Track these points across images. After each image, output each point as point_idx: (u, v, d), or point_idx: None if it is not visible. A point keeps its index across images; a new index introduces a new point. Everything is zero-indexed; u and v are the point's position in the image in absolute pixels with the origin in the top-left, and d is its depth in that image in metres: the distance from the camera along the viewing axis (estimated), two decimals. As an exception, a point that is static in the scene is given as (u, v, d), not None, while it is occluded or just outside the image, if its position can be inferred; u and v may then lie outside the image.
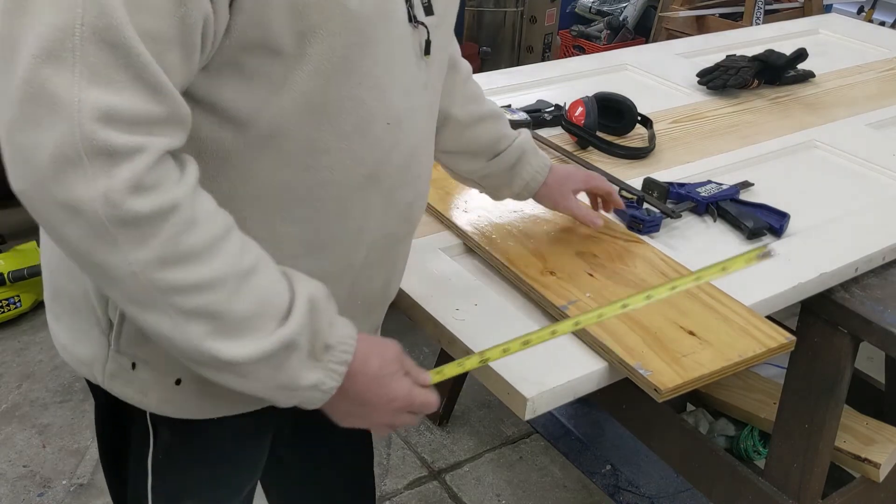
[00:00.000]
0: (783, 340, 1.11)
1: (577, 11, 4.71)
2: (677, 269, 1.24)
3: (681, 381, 1.02)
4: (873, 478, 1.61)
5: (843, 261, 1.34)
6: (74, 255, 0.75)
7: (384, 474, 2.18)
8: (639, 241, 1.30)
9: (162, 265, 0.73)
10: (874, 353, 1.76)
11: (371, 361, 0.87)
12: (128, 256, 0.72)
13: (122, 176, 0.70)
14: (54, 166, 0.69)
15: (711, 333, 1.10)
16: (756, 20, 3.51)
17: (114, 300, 0.80)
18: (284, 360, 0.80)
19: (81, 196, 0.70)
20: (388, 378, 0.89)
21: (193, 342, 0.77)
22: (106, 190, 0.70)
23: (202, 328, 0.76)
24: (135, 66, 0.70)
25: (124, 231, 0.72)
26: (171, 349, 0.79)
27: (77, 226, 0.71)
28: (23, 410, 2.31)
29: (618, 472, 2.21)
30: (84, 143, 0.69)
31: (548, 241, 1.28)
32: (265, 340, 0.79)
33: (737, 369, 1.07)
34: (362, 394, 0.87)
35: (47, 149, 0.69)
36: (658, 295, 0.91)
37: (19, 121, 0.69)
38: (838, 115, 1.89)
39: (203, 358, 0.78)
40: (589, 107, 1.64)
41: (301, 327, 0.80)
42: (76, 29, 0.67)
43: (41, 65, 0.68)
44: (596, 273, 1.21)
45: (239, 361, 0.78)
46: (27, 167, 0.70)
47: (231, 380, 0.81)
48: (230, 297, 0.77)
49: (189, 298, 0.75)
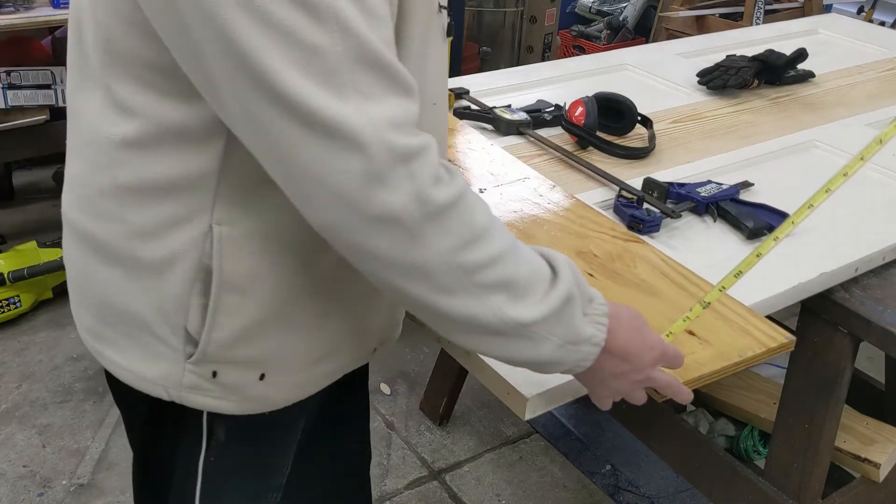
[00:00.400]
0: (783, 340, 1.11)
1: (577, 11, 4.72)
2: (677, 269, 1.24)
3: (682, 381, 1.01)
4: (873, 478, 1.61)
5: (843, 261, 1.34)
6: (383, 266, 0.79)
7: (384, 474, 2.18)
8: (639, 240, 1.30)
9: (465, 247, 0.79)
10: (874, 353, 1.76)
11: (621, 314, 0.92)
12: (439, 247, 0.78)
13: (423, 173, 0.76)
14: (366, 187, 0.74)
15: (711, 333, 1.10)
16: (756, 20, 3.51)
17: (411, 296, 0.81)
18: (567, 314, 0.86)
19: (395, 204, 0.75)
20: (641, 328, 0.94)
21: (497, 314, 0.82)
22: (415, 191, 0.76)
23: (501, 298, 0.82)
24: (392, 75, 0.76)
25: (433, 224, 0.77)
26: (471, 328, 0.84)
27: (391, 235, 0.76)
28: (23, 410, 2.31)
29: (618, 472, 2.21)
30: (386, 157, 0.74)
31: (548, 240, 1.28)
32: (550, 296, 0.85)
33: (737, 369, 1.07)
34: (624, 346, 0.91)
35: (355, 173, 0.74)
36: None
37: (319, 160, 0.74)
38: (838, 115, 1.89)
39: (506, 327, 0.83)
40: (589, 107, 1.64)
41: (571, 280, 0.87)
42: (343, 60, 0.72)
43: (325, 101, 0.72)
44: (596, 273, 1.21)
45: (536, 320, 0.84)
46: (337, 199, 0.75)
47: (524, 347, 0.85)
48: (516, 264, 0.83)
49: (488, 273, 0.81)
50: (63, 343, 2.55)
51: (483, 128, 1.70)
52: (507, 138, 1.67)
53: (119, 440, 2.20)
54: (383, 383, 2.50)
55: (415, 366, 2.58)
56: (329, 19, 0.72)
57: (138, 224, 0.88)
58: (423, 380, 2.46)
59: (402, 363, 2.59)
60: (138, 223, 0.88)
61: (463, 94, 1.81)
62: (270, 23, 0.70)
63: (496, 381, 1.04)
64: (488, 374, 1.04)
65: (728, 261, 1.31)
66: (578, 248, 1.26)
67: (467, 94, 1.82)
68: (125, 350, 0.95)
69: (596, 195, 1.47)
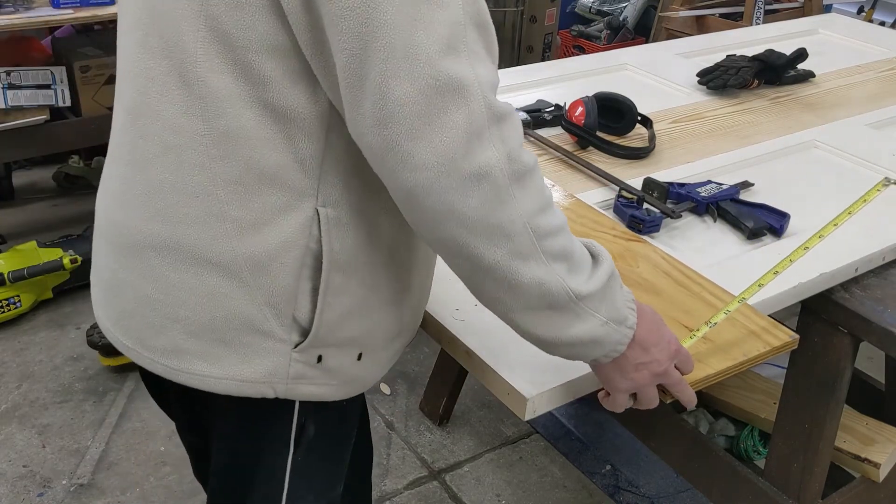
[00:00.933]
0: (787, 339, 1.11)
1: (577, 11, 4.71)
2: (679, 267, 1.24)
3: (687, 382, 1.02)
4: (873, 478, 1.61)
5: (843, 261, 1.34)
6: (469, 228, 0.80)
7: (384, 474, 2.18)
8: (640, 240, 1.30)
9: (540, 212, 0.83)
10: (874, 353, 1.76)
11: (643, 306, 0.95)
12: (522, 208, 0.81)
13: (513, 135, 0.80)
14: (466, 141, 0.77)
15: (716, 333, 1.10)
16: (756, 20, 3.51)
17: (488, 262, 0.83)
18: (612, 291, 0.90)
19: (489, 160, 0.78)
20: (660, 322, 0.96)
21: (560, 282, 0.85)
22: (508, 149, 0.79)
23: (563, 267, 0.85)
24: (490, 41, 0.81)
25: (519, 185, 0.80)
26: (537, 297, 0.85)
27: (482, 192, 0.79)
28: (23, 410, 2.31)
29: (618, 472, 2.21)
30: (487, 114, 0.78)
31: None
32: (599, 272, 0.89)
33: (741, 369, 1.08)
34: (646, 336, 0.93)
35: (459, 128, 0.77)
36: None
37: (426, 115, 0.76)
38: (838, 115, 1.89)
39: (566, 297, 0.86)
40: (589, 107, 1.64)
41: (611, 261, 0.91)
42: (461, 20, 0.77)
43: (443, 59, 0.75)
44: None
45: (590, 293, 0.87)
46: (436, 154, 0.77)
47: (573, 320, 0.88)
48: (571, 238, 0.87)
49: (554, 241, 0.84)
50: (63, 343, 2.55)
51: (483, 128, 1.70)
52: (507, 138, 1.67)
53: (119, 440, 2.20)
54: (383, 383, 2.50)
55: (415, 366, 2.58)
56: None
57: (244, 218, 0.88)
58: (423, 380, 2.46)
59: (402, 363, 2.59)
60: (244, 218, 0.88)
61: (463, 94, 1.81)
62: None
63: (496, 381, 1.04)
64: (488, 374, 1.05)
65: (728, 261, 1.31)
66: None
67: (467, 94, 1.81)
68: (221, 359, 0.93)
69: (596, 195, 1.47)
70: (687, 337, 1.05)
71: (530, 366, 1.04)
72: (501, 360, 1.04)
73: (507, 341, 1.08)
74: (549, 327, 0.88)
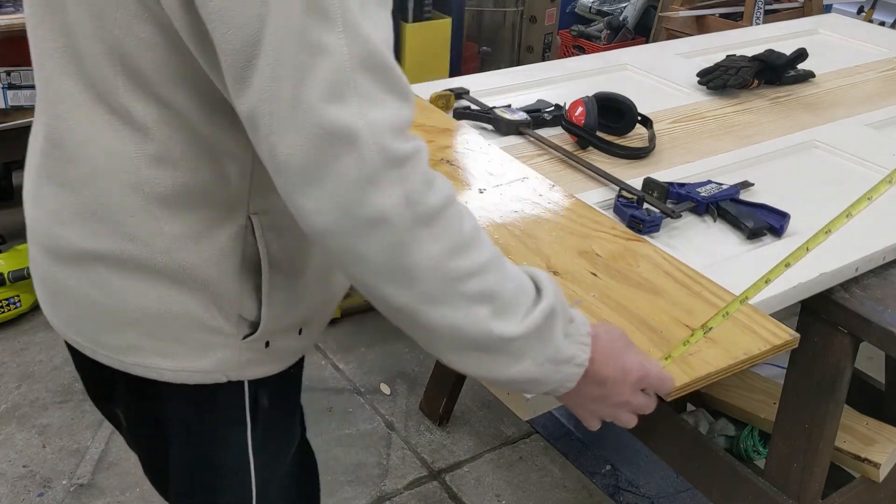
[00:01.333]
0: (788, 338, 1.11)
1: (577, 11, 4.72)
2: (680, 267, 1.24)
3: (688, 380, 1.02)
4: (873, 478, 1.61)
5: (843, 261, 1.34)
6: (372, 271, 0.79)
7: (384, 474, 2.18)
8: (640, 240, 1.30)
9: (453, 254, 0.80)
10: (874, 353, 1.76)
11: (601, 335, 0.92)
12: (429, 252, 0.78)
13: (414, 177, 0.77)
14: (359, 188, 0.75)
15: (716, 332, 1.10)
16: (756, 20, 3.51)
17: (397, 305, 0.82)
18: (549, 331, 0.86)
19: (385, 206, 0.76)
20: (619, 351, 0.93)
21: (480, 326, 0.82)
22: (407, 192, 0.76)
23: (485, 310, 0.82)
24: (392, 80, 0.77)
25: (424, 228, 0.78)
26: (455, 341, 0.83)
27: (381, 237, 0.77)
28: (22, 411, 2.31)
29: (618, 472, 2.21)
30: (381, 159, 0.75)
31: (549, 240, 1.28)
32: (534, 312, 0.85)
33: (742, 367, 1.07)
34: (600, 370, 0.90)
35: (350, 176, 0.75)
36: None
37: (316, 164, 0.75)
38: (838, 115, 1.89)
39: (489, 341, 0.83)
40: (589, 107, 1.64)
41: (554, 297, 0.87)
42: (346, 65, 0.74)
43: (328, 106, 0.74)
44: (599, 273, 1.21)
45: (519, 336, 0.84)
46: (330, 201, 0.76)
47: (506, 363, 0.85)
48: (501, 278, 0.83)
49: (474, 283, 0.81)
50: (63, 343, 2.55)
51: (483, 128, 1.70)
52: (506, 138, 1.67)
53: (119, 440, 2.19)
54: (383, 383, 2.50)
55: (415, 366, 2.57)
56: (336, 20, 0.73)
57: (180, 233, 0.90)
58: (423, 380, 2.46)
59: (402, 363, 2.59)
60: (180, 232, 0.90)
61: (463, 94, 1.81)
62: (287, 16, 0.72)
63: (496, 381, 1.04)
64: (488, 374, 1.04)
65: (728, 261, 1.31)
66: (580, 248, 1.26)
67: (467, 94, 1.82)
68: (177, 354, 0.97)
69: (596, 195, 1.47)
70: (663, 357, 1.03)
71: (530, 366, 1.04)
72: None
73: (507, 341, 1.08)
74: (479, 367, 0.86)
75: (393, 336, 2.69)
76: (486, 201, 1.37)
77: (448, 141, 1.57)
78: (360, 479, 2.17)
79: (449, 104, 1.77)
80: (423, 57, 3.04)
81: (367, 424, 2.35)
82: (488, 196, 1.39)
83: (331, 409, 2.40)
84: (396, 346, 2.65)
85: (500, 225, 1.31)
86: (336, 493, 2.11)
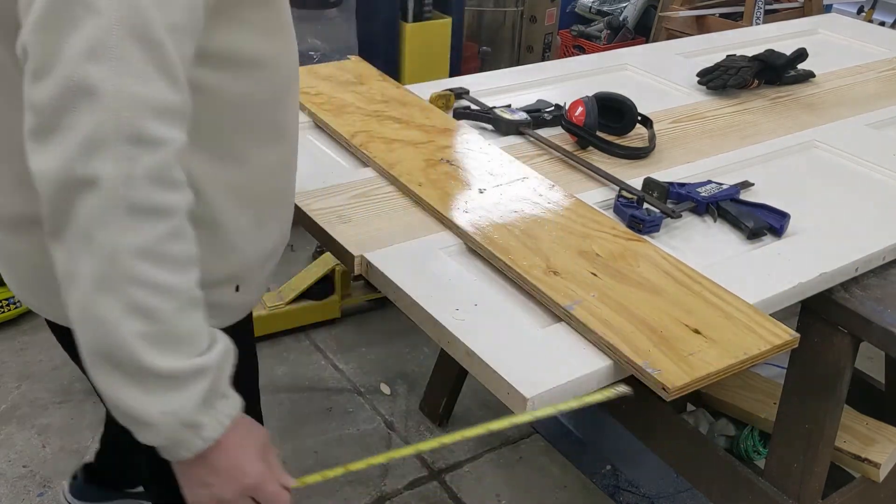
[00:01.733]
0: (787, 337, 1.11)
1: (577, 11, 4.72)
2: (680, 267, 1.24)
3: (689, 380, 1.02)
4: (873, 478, 1.61)
5: (843, 261, 1.34)
6: (65, 227, 0.79)
7: (384, 474, 2.18)
8: (640, 240, 1.30)
9: (142, 257, 0.79)
10: (874, 353, 1.76)
11: (239, 427, 0.91)
12: (121, 238, 0.78)
13: (146, 163, 0.78)
14: (84, 146, 0.76)
15: (716, 331, 1.10)
16: (756, 20, 3.51)
17: (71, 271, 0.81)
18: (190, 391, 0.84)
19: (103, 173, 0.76)
20: (248, 453, 0.92)
21: (123, 336, 0.80)
22: (132, 172, 0.77)
23: (139, 327, 0.80)
24: (163, 60, 0.78)
25: (130, 214, 0.78)
26: (98, 337, 0.82)
27: (86, 201, 0.77)
28: (22, 411, 2.31)
29: (618, 472, 2.21)
30: (119, 130, 0.76)
31: (549, 240, 1.28)
32: (184, 361, 0.83)
33: (742, 367, 1.08)
34: (218, 458, 0.89)
35: (81, 132, 0.76)
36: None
37: (57, 111, 0.76)
38: (838, 115, 1.89)
39: (121, 354, 0.81)
40: (589, 107, 1.64)
41: (214, 364, 0.86)
42: (113, 28, 0.76)
43: (85, 62, 0.75)
44: (599, 273, 1.21)
45: (153, 370, 0.81)
46: (58, 149, 0.77)
47: (129, 391, 0.83)
48: (177, 312, 0.82)
49: (144, 295, 0.80)
50: (63, 343, 2.55)
51: (483, 128, 1.70)
52: (507, 138, 1.67)
53: (119, 440, 2.20)
54: (383, 383, 2.50)
55: (415, 366, 2.58)
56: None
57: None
58: (423, 380, 2.46)
59: (402, 363, 2.59)
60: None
61: (463, 94, 1.81)
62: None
63: (496, 382, 1.04)
64: (488, 374, 1.05)
65: (728, 261, 1.32)
66: (581, 248, 1.26)
67: (467, 94, 1.82)
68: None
69: (596, 195, 1.47)
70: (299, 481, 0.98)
71: (530, 366, 1.04)
72: (501, 360, 1.04)
73: (507, 341, 1.08)
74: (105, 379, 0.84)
75: (393, 336, 2.69)
76: (486, 201, 1.37)
77: (448, 141, 1.57)
78: (360, 479, 2.17)
79: (449, 104, 1.77)
80: (423, 57, 3.04)
81: (367, 424, 2.35)
82: (488, 196, 1.39)
83: (331, 409, 2.40)
84: (396, 346, 2.65)
85: (500, 225, 1.31)
86: (336, 493, 2.11)
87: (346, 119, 1.62)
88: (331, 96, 1.72)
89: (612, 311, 1.12)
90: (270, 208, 1.11)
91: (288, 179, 1.15)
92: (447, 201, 1.37)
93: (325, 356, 2.61)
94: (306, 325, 2.72)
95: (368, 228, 1.31)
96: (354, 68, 1.88)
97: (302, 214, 1.34)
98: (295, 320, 2.68)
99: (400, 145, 1.53)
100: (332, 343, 2.67)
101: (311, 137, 1.61)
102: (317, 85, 1.76)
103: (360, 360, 2.60)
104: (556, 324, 1.13)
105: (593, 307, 1.13)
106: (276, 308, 2.62)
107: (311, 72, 1.83)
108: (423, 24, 3.02)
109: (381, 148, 1.52)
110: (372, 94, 1.74)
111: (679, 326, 1.11)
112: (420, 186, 1.40)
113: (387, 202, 1.39)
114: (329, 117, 1.63)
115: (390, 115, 1.65)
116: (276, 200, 1.13)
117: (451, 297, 1.16)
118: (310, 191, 1.39)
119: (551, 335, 1.11)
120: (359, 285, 2.78)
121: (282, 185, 1.14)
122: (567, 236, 1.29)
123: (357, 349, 2.64)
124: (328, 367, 2.57)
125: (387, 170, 1.45)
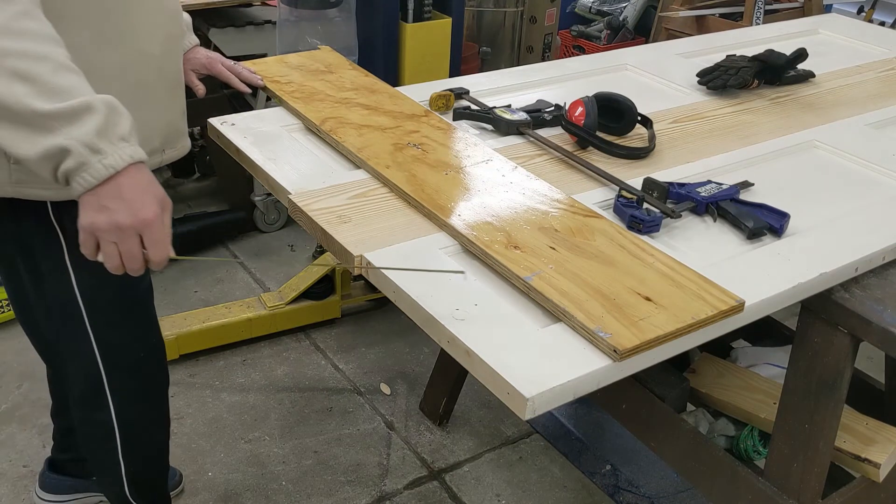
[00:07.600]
0: (733, 303, 1.16)
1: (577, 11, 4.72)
2: (633, 240, 1.28)
3: (638, 342, 1.06)
4: (873, 478, 1.61)
5: (843, 261, 1.34)
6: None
7: (384, 474, 2.18)
8: (597, 216, 1.35)
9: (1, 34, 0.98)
10: (874, 353, 1.76)
11: (146, 175, 1.08)
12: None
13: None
14: None
15: (666, 298, 1.15)
16: (756, 20, 3.52)
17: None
18: (81, 119, 1.02)
19: None
20: (148, 194, 1.07)
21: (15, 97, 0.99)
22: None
23: (24, 89, 0.99)
24: None
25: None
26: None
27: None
28: (23, 411, 2.31)
29: (618, 472, 2.22)
30: None
31: (511, 217, 1.32)
32: (70, 101, 1.01)
33: (690, 331, 1.12)
34: (120, 188, 1.05)
35: None
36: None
37: None
38: (838, 115, 1.89)
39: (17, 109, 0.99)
40: (589, 107, 1.64)
41: (101, 102, 1.04)
42: None
43: None
44: (558, 247, 1.26)
45: (47, 112, 1.00)
46: None
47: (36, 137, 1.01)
48: (53, 73, 1.01)
49: (17, 62, 0.99)
50: (63, 343, 2.55)
51: (483, 128, 1.70)
52: (506, 138, 1.67)
53: (119, 440, 2.20)
54: (383, 383, 2.50)
55: (415, 366, 2.58)
56: None
57: None
58: (423, 380, 2.46)
59: (402, 363, 2.59)
60: None
61: (463, 94, 1.81)
62: None
63: (496, 381, 1.04)
64: (488, 374, 1.05)
65: (728, 261, 1.32)
66: (540, 224, 1.31)
67: (467, 94, 1.82)
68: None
69: (596, 195, 1.47)
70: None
71: (530, 366, 1.04)
72: (501, 360, 1.05)
73: (507, 341, 1.09)
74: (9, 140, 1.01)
75: (393, 336, 2.70)
76: (452, 182, 1.40)
77: (416, 126, 1.62)
78: (360, 479, 2.17)
79: (449, 104, 1.78)
80: (423, 57, 3.04)
81: (367, 424, 2.35)
82: (454, 177, 1.42)
83: (331, 409, 2.40)
84: (396, 346, 2.65)
85: (465, 204, 1.35)
86: (336, 493, 2.11)
87: (315, 106, 1.67)
88: (301, 84, 1.76)
89: (569, 281, 1.17)
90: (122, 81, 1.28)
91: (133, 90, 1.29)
92: (413, 183, 1.40)
93: (326, 356, 2.62)
94: (306, 325, 2.72)
95: (368, 228, 1.31)
96: (324, 58, 1.92)
97: (302, 214, 1.34)
98: (295, 320, 2.68)
99: (368, 130, 1.58)
100: (332, 343, 2.68)
101: (311, 139, 1.62)
102: (288, 73, 1.81)
103: (360, 360, 2.60)
104: (555, 324, 1.13)
105: (551, 278, 1.17)
106: (276, 308, 2.63)
107: (282, 61, 1.88)
108: (423, 25, 3.02)
109: (351, 133, 1.56)
110: (342, 82, 1.79)
111: (631, 294, 1.15)
112: (388, 169, 1.44)
113: (386, 202, 1.39)
114: (299, 105, 1.67)
115: (359, 102, 1.69)
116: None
117: (451, 297, 1.16)
118: (310, 191, 1.40)
119: (551, 335, 1.11)
120: (359, 285, 2.78)
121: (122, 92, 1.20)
122: (528, 213, 1.34)
123: (357, 349, 2.65)
124: (328, 367, 2.57)
125: (355, 153, 1.49)
